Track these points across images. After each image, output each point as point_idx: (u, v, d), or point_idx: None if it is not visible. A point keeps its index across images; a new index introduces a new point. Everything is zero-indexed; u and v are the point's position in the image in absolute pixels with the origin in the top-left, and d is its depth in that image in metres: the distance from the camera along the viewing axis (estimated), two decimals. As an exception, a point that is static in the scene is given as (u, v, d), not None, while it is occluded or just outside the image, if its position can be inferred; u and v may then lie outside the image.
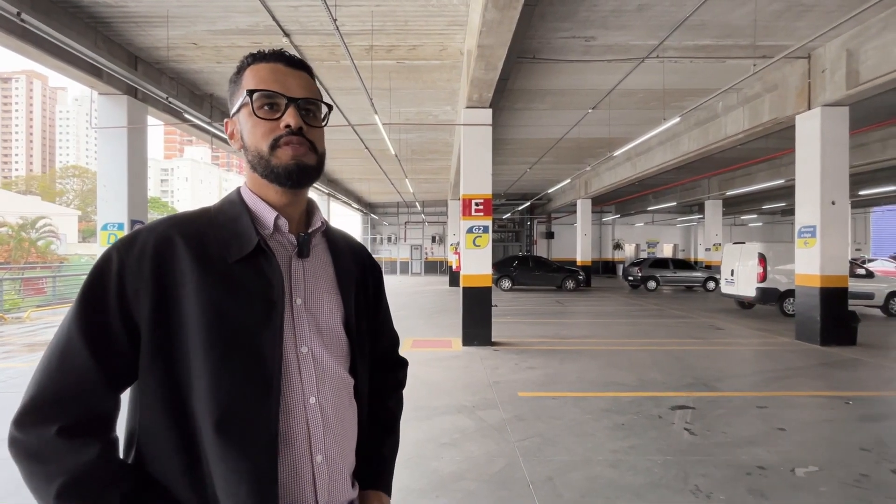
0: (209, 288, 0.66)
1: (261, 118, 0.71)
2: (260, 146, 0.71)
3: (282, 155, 0.70)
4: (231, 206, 0.75)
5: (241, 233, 0.71)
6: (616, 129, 10.71)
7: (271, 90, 0.70)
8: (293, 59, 0.75)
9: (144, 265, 0.66)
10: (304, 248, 0.76)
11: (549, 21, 5.99)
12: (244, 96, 0.71)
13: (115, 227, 6.76)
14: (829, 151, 6.83)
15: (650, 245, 27.46)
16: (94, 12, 5.76)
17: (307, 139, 0.72)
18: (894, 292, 10.30)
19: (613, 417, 3.92)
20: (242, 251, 0.69)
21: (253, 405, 0.65)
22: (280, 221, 0.74)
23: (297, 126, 0.70)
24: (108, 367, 0.64)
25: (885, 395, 4.65)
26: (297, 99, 0.71)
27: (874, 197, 18.39)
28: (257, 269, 0.70)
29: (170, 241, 0.68)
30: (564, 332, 8.17)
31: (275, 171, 0.71)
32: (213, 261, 0.68)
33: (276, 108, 0.71)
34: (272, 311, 0.69)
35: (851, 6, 5.56)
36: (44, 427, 0.60)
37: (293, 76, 0.73)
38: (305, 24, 6.05)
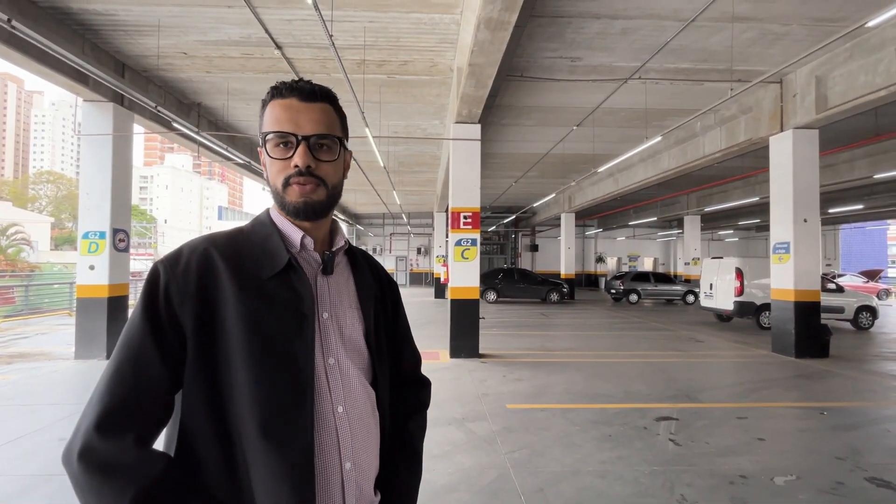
0: (247, 301, 0.70)
1: (274, 158, 0.76)
2: (275, 183, 0.77)
3: (291, 194, 0.76)
4: (262, 227, 0.80)
5: (272, 251, 0.76)
6: (599, 146, 11.00)
7: (282, 131, 0.75)
8: (310, 92, 0.77)
9: (189, 278, 0.70)
10: (328, 265, 0.81)
11: (536, 41, 6.19)
12: (262, 136, 0.77)
13: (96, 236, 6.61)
14: (801, 171, 7.16)
15: (632, 259, 28.00)
16: (83, 20, 5.72)
17: (315, 176, 0.76)
18: (863, 306, 10.73)
19: (601, 429, 3.99)
20: (275, 268, 0.74)
21: (291, 411, 0.69)
22: (306, 240, 0.79)
23: (305, 166, 0.74)
24: (173, 372, 0.68)
25: (857, 405, 4.85)
26: (307, 136, 0.75)
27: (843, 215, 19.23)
28: (289, 285, 0.75)
29: (210, 257, 0.73)
30: (550, 345, 8.26)
31: (286, 207, 0.77)
32: (249, 276, 0.73)
33: (290, 145, 0.75)
34: (304, 322, 0.73)
35: (819, 37, 5.92)
36: (123, 434, 0.62)
37: (307, 111, 0.75)
38: (298, 37, 6.12)
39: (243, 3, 5.19)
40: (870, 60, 5.83)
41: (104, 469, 0.60)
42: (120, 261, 6.83)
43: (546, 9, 5.39)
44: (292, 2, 5.26)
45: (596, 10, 5.44)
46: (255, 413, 0.67)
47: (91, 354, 6.50)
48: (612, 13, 5.51)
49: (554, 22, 5.71)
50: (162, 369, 0.66)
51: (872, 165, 10.52)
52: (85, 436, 0.61)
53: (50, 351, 7.16)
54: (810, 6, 5.35)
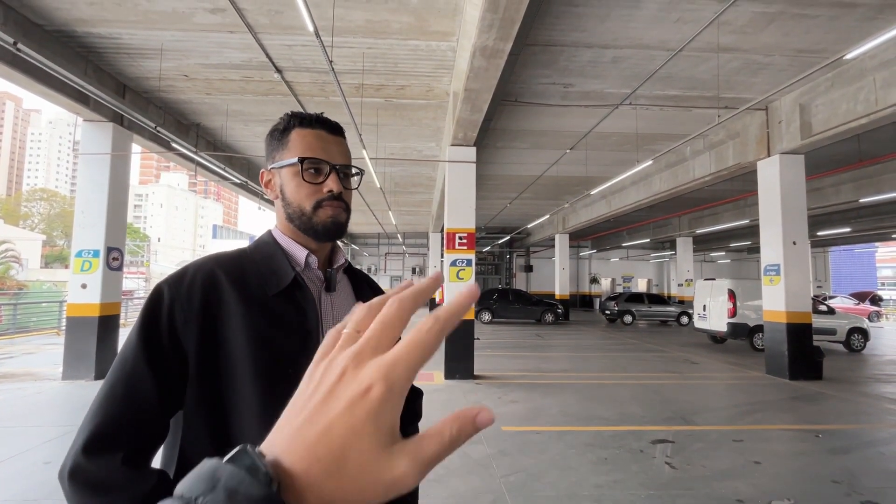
0: (252, 319, 0.72)
1: (308, 182, 0.80)
2: (304, 205, 0.80)
3: (322, 215, 0.80)
4: (266, 246, 0.82)
5: (277, 269, 0.78)
6: (592, 169, 11.21)
7: (319, 158, 0.80)
8: (335, 127, 0.84)
9: (193, 298, 0.71)
10: (331, 282, 0.84)
11: (530, 68, 6.39)
12: (293, 161, 0.80)
13: (90, 254, 6.58)
14: (789, 195, 7.33)
15: (625, 280, 28.13)
16: (87, 42, 5.84)
17: (343, 201, 0.82)
18: (855, 328, 10.81)
19: (596, 451, 3.95)
20: (280, 285, 0.76)
21: None
22: (311, 259, 0.82)
23: (338, 191, 0.81)
24: (167, 394, 0.68)
25: (852, 427, 4.85)
26: (338, 166, 0.82)
27: (831, 237, 19.55)
28: (294, 302, 0.77)
29: (215, 276, 0.74)
30: (545, 366, 8.22)
31: (315, 228, 0.81)
32: (254, 295, 0.74)
33: (319, 172, 0.81)
34: (308, 339, 0.75)
35: (801, 67, 6.16)
36: (111, 455, 0.62)
37: (335, 143, 0.83)
38: (298, 62, 6.27)
39: (245, 29, 5.35)
40: (851, 89, 6.06)
41: (92, 489, 0.61)
42: (113, 279, 6.78)
43: (539, 38, 5.59)
44: (293, 28, 5.42)
45: (587, 39, 5.64)
46: (262, 430, 0.68)
47: (79, 375, 6.37)
48: (603, 43, 5.71)
49: (547, 50, 5.90)
50: (154, 390, 0.67)
51: (857, 190, 10.78)
52: (74, 456, 0.62)
53: (36, 371, 7.02)
54: (791, 38, 5.59)
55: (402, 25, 5.34)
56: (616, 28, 5.39)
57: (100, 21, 5.39)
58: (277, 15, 5.19)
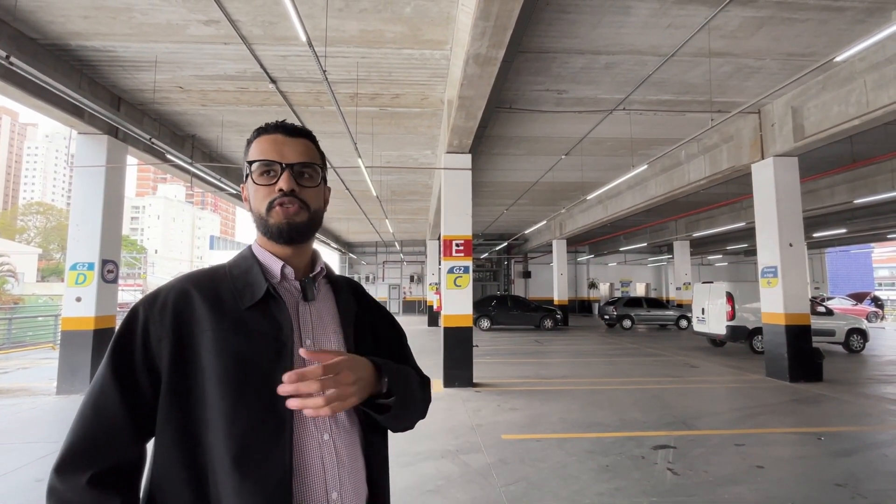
0: (225, 333, 0.72)
1: (259, 184, 0.80)
2: (260, 208, 0.80)
3: (275, 215, 0.79)
4: (243, 261, 0.83)
5: (251, 282, 0.78)
6: (588, 174, 11.25)
7: (267, 159, 0.79)
8: (292, 129, 0.83)
9: (166, 316, 0.73)
10: (307, 291, 0.82)
11: (524, 75, 6.42)
12: (247, 166, 0.82)
13: (84, 267, 6.54)
14: (784, 197, 7.35)
15: (624, 284, 28.13)
16: (80, 56, 5.85)
17: (299, 199, 0.80)
18: (854, 329, 10.80)
19: (598, 459, 3.91)
20: (254, 297, 0.76)
21: (268, 441, 0.69)
22: (286, 270, 0.81)
23: (289, 188, 0.78)
24: (137, 415, 0.68)
25: (854, 429, 4.82)
26: (291, 164, 0.80)
27: (827, 239, 19.61)
28: (268, 314, 0.76)
29: (188, 293, 0.75)
30: (545, 372, 8.17)
31: (270, 229, 0.80)
32: (227, 308, 0.75)
33: (274, 174, 0.80)
34: (283, 350, 0.74)
35: (792, 71, 6.22)
36: (77, 475, 0.63)
37: (291, 144, 0.81)
38: (293, 72, 6.29)
39: (239, 41, 5.37)
40: (842, 92, 6.11)
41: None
42: (108, 292, 6.73)
43: (532, 45, 5.62)
44: (288, 39, 5.44)
45: (580, 46, 5.68)
46: (230, 445, 0.68)
47: (74, 389, 6.30)
48: (595, 49, 5.75)
49: (540, 57, 5.94)
50: (123, 409, 0.68)
51: (851, 191, 10.84)
52: (50, 475, 0.65)
53: (31, 386, 6.93)
54: (782, 42, 5.64)
55: (396, 35, 5.37)
56: (608, 34, 5.43)
57: (94, 34, 5.40)
58: (271, 26, 5.21)
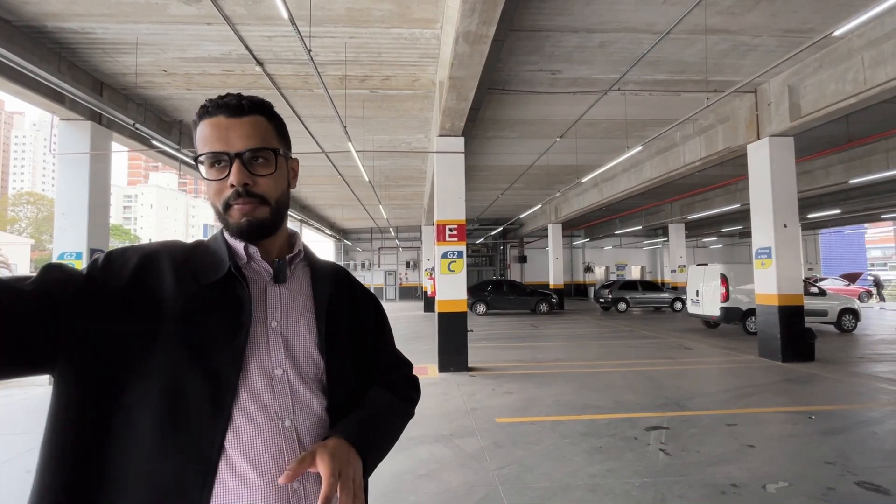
0: (175, 306, 0.68)
1: (210, 180, 0.73)
2: (216, 204, 0.75)
3: (234, 214, 0.73)
4: (214, 241, 0.79)
5: (216, 261, 0.75)
6: (583, 157, 11.14)
7: (213, 151, 0.71)
8: (236, 107, 0.73)
9: (129, 259, 0.70)
10: (279, 273, 0.78)
11: (516, 55, 6.28)
12: (194, 159, 0.76)
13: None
14: (779, 178, 7.31)
15: (619, 268, 28.23)
16: (59, 38, 5.65)
17: (255, 195, 0.73)
18: (846, 309, 10.90)
19: (591, 441, 3.92)
20: (216, 275, 0.73)
21: (198, 421, 0.65)
22: (250, 250, 0.77)
23: (241, 184, 0.71)
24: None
25: (844, 408, 4.86)
26: (240, 153, 0.71)
27: (821, 220, 19.69)
28: (228, 293, 0.73)
29: (157, 256, 0.73)
30: (540, 356, 8.20)
31: (230, 229, 0.76)
32: (187, 283, 0.71)
33: (224, 164, 0.72)
34: (238, 331, 0.70)
35: (789, 48, 6.10)
36: None
37: (236, 126, 0.72)
38: (279, 53, 6.11)
39: (222, 21, 5.19)
40: (839, 69, 6.02)
41: None
42: (97, 282, 6.64)
43: (524, 23, 5.47)
44: (271, 18, 5.27)
45: (573, 24, 5.54)
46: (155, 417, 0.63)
47: (66, 380, 6.25)
48: (589, 27, 5.61)
49: (533, 36, 5.80)
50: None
51: (847, 171, 10.81)
52: None
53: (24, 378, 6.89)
54: (779, 18, 5.52)
55: (384, 13, 5.21)
56: (602, 11, 5.29)
57: (70, 15, 5.21)
58: (255, 4, 5.03)
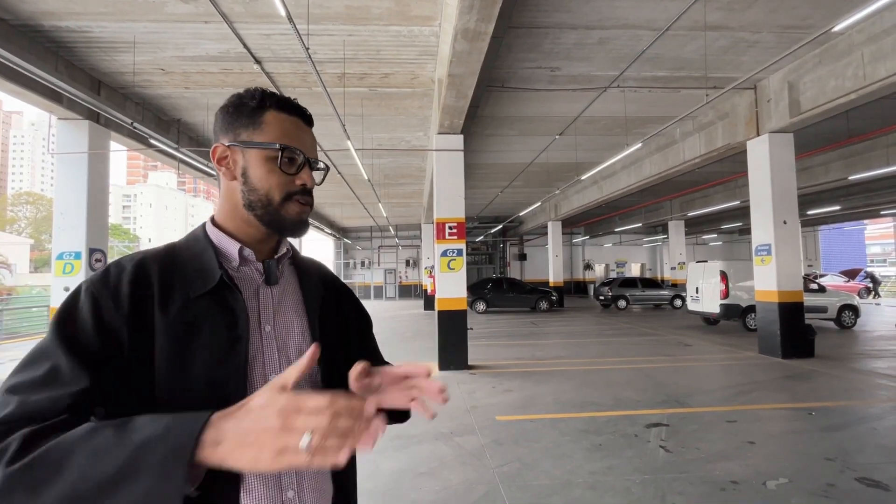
0: (168, 325, 0.65)
1: (283, 171, 0.73)
2: (273, 194, 0.73)
3: (291, 210, 0.74)
4: (196, 242, 0.74)
5: (204, 268, 0.70)
6: (582, 154, 11.12)
7: (299, 148, 0.74)
8: (309, 117, 0.80)
9: (122, 299, 0.64)
10: (270, 274, 0.77)
11: (515, 52, 6.26)
12: (272, 145, 0.72)
13: (71, 256, 6.43)
14: (778, 174, 7.30)
15: (619, 265, 28.23)
16: (56, 37, 5.63)
17: (311, 197, 0.78)
18: (846, 305, 10.91)
19: (591, 438, 3.93)
20: (205, 286, 0.69)
21: None
22: (245, 252, 0.74)
23: (311, 186, 0.77)
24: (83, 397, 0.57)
25: (844, 404, 4.87)
26: (312, 160, 0.77)
27: (821, 216, 19.67)
28: (221, 303, 0.69)
29: (146, 270, 0.67)
30: (540, 354, 8.21)
31: (282, 221, 0.74)
32: (175, 297, 0.67)
33: (293, 163, 0.74)
34: (237, 344, 0.68)
35: (789, 44, 6.08)
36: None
37: (308, 134, 0.78)
38: (277, 51, 6.09)
39: (220, 19, 5.17)
40: (839, 65, 6.00)
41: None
42: (96, 281, 6.64)
43: (523, 20, 5.45)
44: (269, 17, 5.24)
45: (572, 20, 5.52)
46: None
47: (66, 380, 6.26)
48: (588, 24, 5.59)
49: (531, 33, 5.77)
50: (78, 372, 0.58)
51: (846, 167, 10.79)
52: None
53: (23, 377, 6.89)
54: (779, 14, 5.50)
55: (383, 10, 5.19)
56: (601, 7, 5.27)
57: (67, 13, 5.18)
58: (252, 3, 5.01)
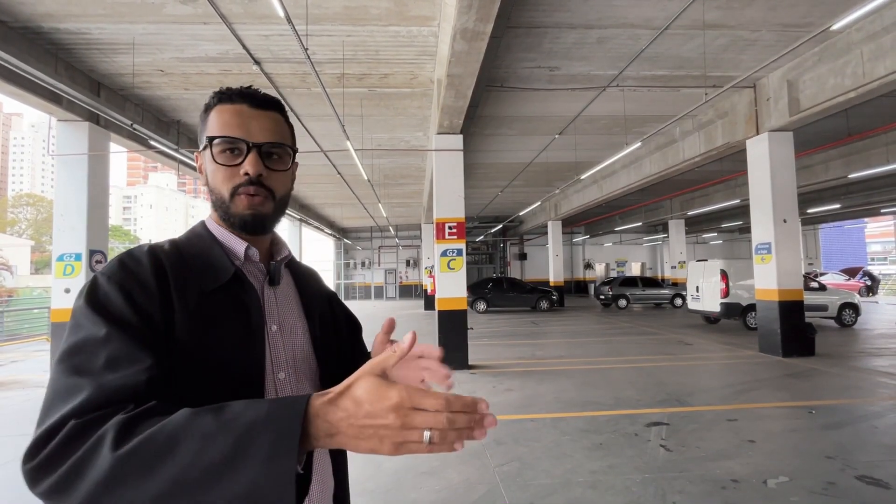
0: (186, 319, 0.64)
1: (221, 164, 0.70)
2: (221, 191, 0.71)
3: (238, 204, 0.71)
4: (199, 239, 0.74)
5: (215, 263, 0.70)
6: (582, 154, 11.12)
7: (232, 136, 0.70)
8: (261, 99, 0.73)
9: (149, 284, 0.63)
10: (275, 276, 0.77)
11: (514, 52, 6.26)
12: (205, 141, 0.71)
13: (71, 258, 6.44)
14: (778, 173, 7.30)
15: (619, 264, 28.23)
16: (55, 39, 5.63)
17: (265, 187, 0.71)
18: (846, 304, 10.90)
19: (591, 437, 3.93)
20: (219, 280, 0.69)
21: None
22: (251, 251, 0.74)
23: (256, 174, 0.70)
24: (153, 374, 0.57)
25: (844, 402, 4.87)
26: (259, 144, 0.71)
27: (821, 215, 19.66)
28: (235, 298, 0.69)
29: (160, 261, 0.66)
30: (540, 353, 8.21)
31: (232, 218, 0.72)
32: (191, 290, 0.66)
33: (238, 152, 0.70)
34: (253, 337, 0.68)
35: (788, 42, 6.08)
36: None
37: (258, 118, 0.72)
38: (276, 52, 6.10)
39: (219, 20, 5.18)
40: (838, 63, 6.00)
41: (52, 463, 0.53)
42: (97, 283, 6.64)
43: (522, 19, 5.46)
44: (268, 17, 5.25)
45: (570, 20, 5.52)
46: None
47: (67, 381, 6.26)
48: (587, 23, 5.59)
49: (530, 32, 5.78)
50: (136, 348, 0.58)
51: (846, 166, 10.79)
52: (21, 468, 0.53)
53: (24, 379, 6.90)
54: (778, 13, 5.50)
55: (382, 11, 5.19)
56: (600, 7, 5.27)
57: (66, 15, 5.19)
58: (251, 3, 5.01)
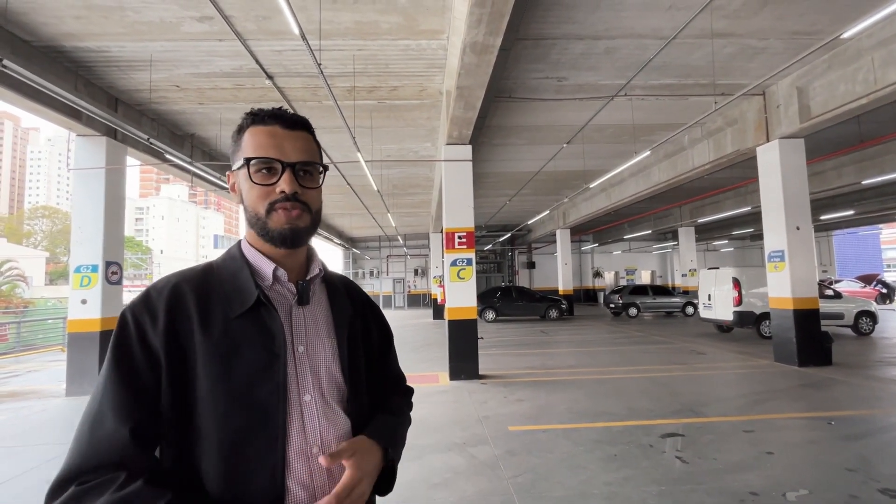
0: (211, 346, 0.68)
1: (257, 184, 0.74)
2: (257, 209, 0.74)
3: (276, 219, 0.74)
4: (232, 262, 0.77)
5: (241, 287, 0.73)
6: (590, 162, 11.13)
7: (267, 157, 0.73)
8: (292, 120, 0.77)
9: (159, 321, 0.68)
10: (304, 295, 0.78)
11: (523, 63, 6.32)
12: (242, 161, 0.75)
13: (88, 269, 6.56)
14: (790, 180, 7.24)
15: (629, 272, 28.00)
16: (75, 57, 5.81)
17: (301, 202, 0.75)
18: (863, 312, 10.69)
19: (605, 448, 3.89)
20: (244, 305, 0.71)
21: (258, 458, 0.66)
22: (279, 272, 0.76)
23: (292, 192, 0.73)
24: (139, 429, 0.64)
25: (864, 413, 4.76)
26: (293, 163, 0.74)
27: (834, 221, 19.38)
28: (259, 323, 0.72)
29: (181, 295, 0.71)
30: (551, 363, 8.15)
31: (270, 233, 0.74)
32: (215, 317, 0.70)
33: (273, 171, 0.74)
34: (275, 363, 0.70)
35: (797, 50, 6.08)
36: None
37: (291, 138, 0.75)
38: (289, 66, 6.22)
39: (234, 37, 5.31)
40: (848, 70, 5.97)
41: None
42: (112, 294, 6.76)
43: (530, 31, 5.52)
44: (281, 33, 5.37)
45: (578, 31, 5.58)
46: (217, 462, 0.65)
47: (83, 391, 6.35)
48: (594, 34, 5.64)
49: (538, 44, 5.84)
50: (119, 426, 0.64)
51: (859, 172, 10.66)
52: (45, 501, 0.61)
53: (41, 389, 7.00)
54: (786, 21, 5.50)
55: (392, 25, 5.29)
56: (607, 18, 5.32)
57: (87, 35, 5.36)
58: (265, 21, 5.14)
